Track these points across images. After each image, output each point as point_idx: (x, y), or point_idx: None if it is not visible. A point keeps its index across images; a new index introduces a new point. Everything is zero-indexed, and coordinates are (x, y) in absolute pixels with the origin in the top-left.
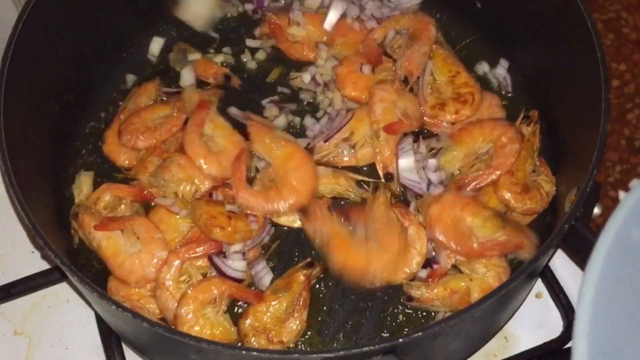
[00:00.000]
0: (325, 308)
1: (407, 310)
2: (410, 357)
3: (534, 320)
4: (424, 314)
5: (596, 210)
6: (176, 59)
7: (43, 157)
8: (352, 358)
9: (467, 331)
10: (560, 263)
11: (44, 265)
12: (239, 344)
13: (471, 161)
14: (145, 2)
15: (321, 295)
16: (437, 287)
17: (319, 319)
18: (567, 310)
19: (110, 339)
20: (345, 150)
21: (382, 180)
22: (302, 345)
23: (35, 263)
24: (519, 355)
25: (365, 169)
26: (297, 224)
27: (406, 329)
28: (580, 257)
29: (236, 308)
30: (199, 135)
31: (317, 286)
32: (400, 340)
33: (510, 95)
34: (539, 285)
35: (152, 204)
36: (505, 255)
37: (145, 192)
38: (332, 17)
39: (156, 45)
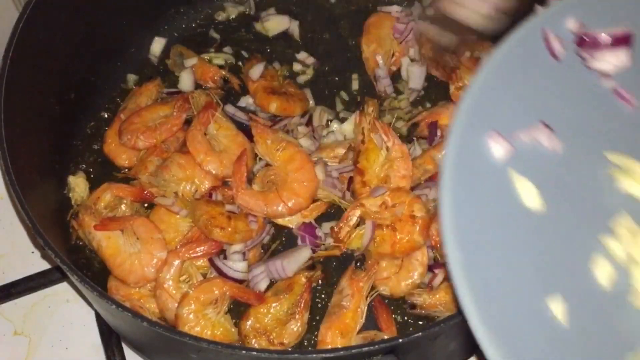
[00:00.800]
0: (325, 308)
1: (406, 311)
2: (410, 357)
3: None
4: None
5: None
6: (174, 63)
7: (43, 156)
8: (352, 358)
9: (467, 331)
10: None
11: (44, 265)
12: (240, 344)
13: None
14: (146, 2)
15: (320, 296)
16: (439, 292)
17: (319, 319)
18: None
19: (110, 338)
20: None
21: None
22: (302, 346)
23: (35, 263)
24: None
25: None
26: (295, 224)
27: (406, 329)
28: None
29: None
30: (202, 133)
31: (318, 287)
32: (400, 340)
33: None
34: None
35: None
36: None
37: (145, 192)
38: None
39: (157, 45)
